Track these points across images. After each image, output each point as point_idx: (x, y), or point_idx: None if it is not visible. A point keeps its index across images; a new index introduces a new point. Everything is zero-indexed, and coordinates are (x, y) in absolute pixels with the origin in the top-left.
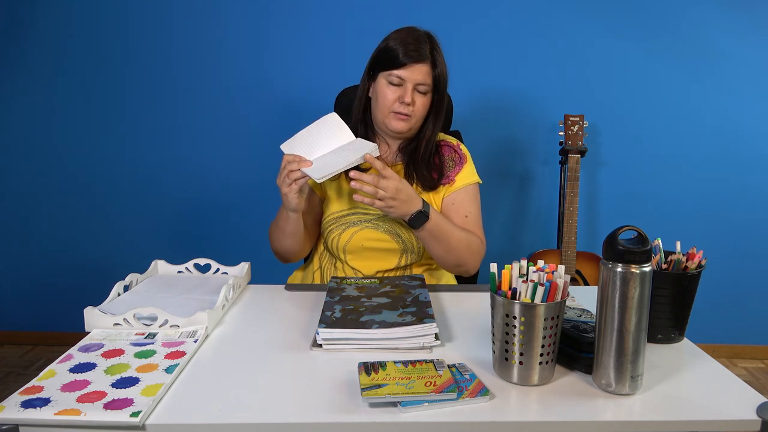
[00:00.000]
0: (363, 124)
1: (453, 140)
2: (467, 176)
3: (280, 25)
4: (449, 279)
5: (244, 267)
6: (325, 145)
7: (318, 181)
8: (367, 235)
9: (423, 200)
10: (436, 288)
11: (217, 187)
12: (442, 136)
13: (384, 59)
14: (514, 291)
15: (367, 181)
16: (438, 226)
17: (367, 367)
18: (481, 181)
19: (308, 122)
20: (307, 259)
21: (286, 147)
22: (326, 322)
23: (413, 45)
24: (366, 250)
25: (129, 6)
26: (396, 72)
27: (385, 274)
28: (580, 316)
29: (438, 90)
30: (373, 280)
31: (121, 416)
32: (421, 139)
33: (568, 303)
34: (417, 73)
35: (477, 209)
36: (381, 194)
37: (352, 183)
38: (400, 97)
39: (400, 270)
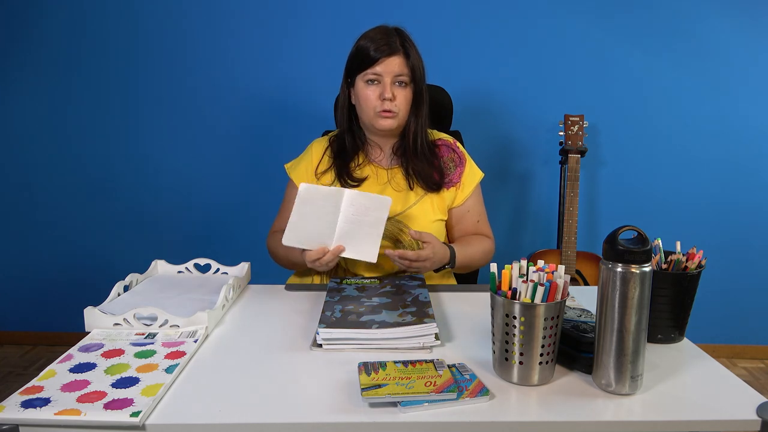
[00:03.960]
0: (350, 134)
1: (449, 138)
2: (472, 176)
3: (281, 29)
4: (449, 279)
5: (244, 267)
6: (326, 217)
7: (374, 261)
8: None
9: (450, 252)
10: (436, 288)
11: (218, 188)
12: (437, 134)
13: (357, 61)
14: (514, 291)
15: (410, 258)
16: (460, 264)
17: (367, 367)
18: (483, 174)
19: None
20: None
21: (291, 239)
22: (326, 322)
23: (382, 39)
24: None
25: (133, 9)
26: (371, 70)
27: None
28: (580, 316)
29: (416, 81)
30: (373, 280)
31: (121, 416)
32: (408, 134)
33: (568, 303)
34: (392, 66)
35: (483, 207)
36: (415, 266)
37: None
38: (381, 94)
39: (400, 273)
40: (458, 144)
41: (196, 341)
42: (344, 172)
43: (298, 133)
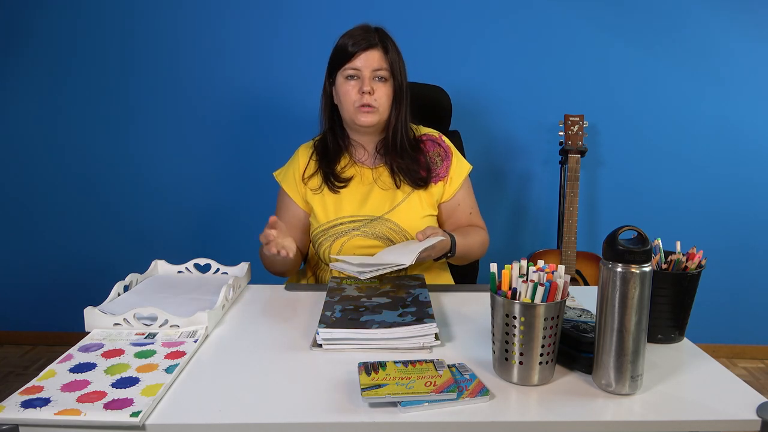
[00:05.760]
0: (332, 133)
1: (434, 133)
2: (460, 169)
3: (281, 31)
4: (449, 279)
5: (244, 267)
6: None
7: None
8: (357, 242)
9: (451, 239)
10: (436, 288)
11: (217, 187)
12: (423, 129)
13: (337, 57)
14: (514, 291)
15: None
16: (460, 253)
17: (367, 367)
18: (471, 167)
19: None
20: (302, 270)
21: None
22: (326, 322)
23: (361, 35)
24: (359, 256)
25: (133, 9)
26: (350, 64)
27: None
28: (580, 316)
29: (395, 76)
30: (372, 280)
31: (121, 416)
32: (388, 131)
33: (568, 303)
34: (370, 60)
35: (474, 199)
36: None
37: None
38: (360, 88)
39: (395, 273)
40: (444, 138)
41: (196, 341)
42: (330, 174)
43: (298, 134)
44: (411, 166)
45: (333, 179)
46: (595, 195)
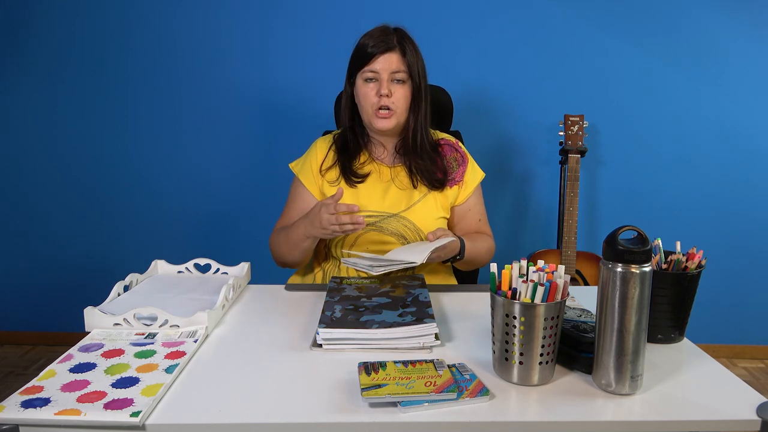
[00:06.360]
0: (352, 132)
1: (451, 138)
2: (474, 175)
3: (282, 29)
4: (449, 279)
5: (244, 267)
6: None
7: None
8: (371, 237)
9: (460, 242)
10: (436, 288)
11: (218, 188)
12: (440, 134)
13: (356, 60)
14: (514, 291)
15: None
16: (468, 257)
17: (367, 367)
18: (484, 174)
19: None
20: (308, 264)
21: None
22: (326, 322)
23: (380, 37)
24: (370, 254)
25: (132, 8)
26: (368, 67)
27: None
28: (580, 316)
29: (413, 78)
30: (373, 280)
31: (121, 416)
32: (408, 132)
33: (568, 303)
34: (388, 63)
35: (484, 207)
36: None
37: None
38: (378, 91)
39: (399, 273)
40: (460, 144)
41: (196, 341)
42: (348, 169)
43: (299, 134)
44: (429, 168)
45: (350, 174)
46: (595, 195)
